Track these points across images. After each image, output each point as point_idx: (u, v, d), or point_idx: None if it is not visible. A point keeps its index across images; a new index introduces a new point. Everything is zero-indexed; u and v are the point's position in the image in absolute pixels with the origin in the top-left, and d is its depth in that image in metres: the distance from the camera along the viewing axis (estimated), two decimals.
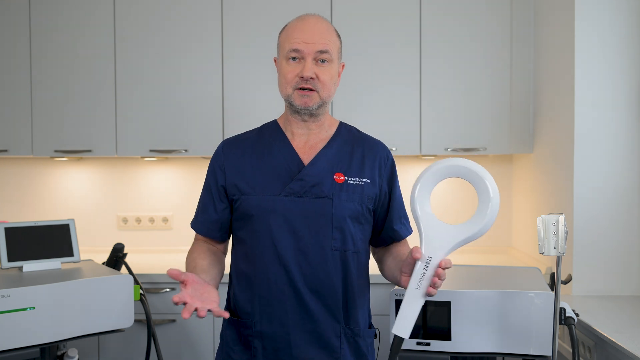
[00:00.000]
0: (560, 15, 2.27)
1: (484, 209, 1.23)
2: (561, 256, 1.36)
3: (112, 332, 1.77)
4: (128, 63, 2.65)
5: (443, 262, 1.21)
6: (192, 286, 1.23)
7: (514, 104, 2.60)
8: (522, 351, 1.46)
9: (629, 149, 2.10)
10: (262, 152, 1.48)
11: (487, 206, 1.22)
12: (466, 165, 1.25)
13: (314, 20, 1.43)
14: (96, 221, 2.98)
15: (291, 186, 1.42)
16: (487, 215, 1.22)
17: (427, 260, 1.23)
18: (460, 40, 2.59)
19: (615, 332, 1.64)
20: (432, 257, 1.23)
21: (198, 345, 2.40)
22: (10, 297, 1.59)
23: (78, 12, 2.66)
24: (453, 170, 1.26)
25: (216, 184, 1.49)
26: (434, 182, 1.28)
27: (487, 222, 1.22)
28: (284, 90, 1.44)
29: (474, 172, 1.24)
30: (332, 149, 1.47)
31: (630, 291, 2.10)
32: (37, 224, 1.90)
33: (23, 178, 3.01)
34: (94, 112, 2.66)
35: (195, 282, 1.24)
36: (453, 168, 1.26)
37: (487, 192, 1.23)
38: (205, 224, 1.50)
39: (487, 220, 1.22)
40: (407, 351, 1.52)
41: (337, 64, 1.45)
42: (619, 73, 2.10)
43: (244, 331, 1.43)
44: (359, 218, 1.44)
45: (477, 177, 1.24)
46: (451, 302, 1.49)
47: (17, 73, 2.67)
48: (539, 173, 2.51)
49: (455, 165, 1.26)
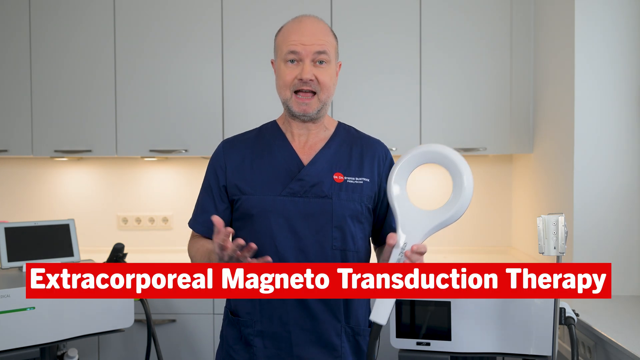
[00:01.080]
0: (561, 15, 2.27)
1: (458, 194, 1.24)
2: (561, 256, 1.36)
3: (112, 332, 1.77)
4: (128, 63, 2.65)
5: (415, 247, 1.21)
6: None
7: (514, 104, 2.60)
8: (522, 351, 1.46)
9: (629, 149, 2.10)
10: (262, 152, 1.48)
11: (461, 191, 1.23)
12: (441, 151, 1.26)
13: (310, 21, 1.43)
14: (96, 221, 2.98)
15: (291, 186, 1.42)
16: (459, 200, 1.23)
17: (402, 246, 1.24)
18: (461, 40, 2.59)
19: (615, 332, 1.64)
20: (407, 242, 1.24)
21: (198, 345, 2.40)
22: (10, 297, 1.59)
23: (78, 12, 2.66)
24: (429, 157, 1.27)
25: (217, 183, 1.48)
26: (410, 167, 1.29)
27: (459, 206, 1.23)
28: (282, 93, 1.43)
29: (449, 158, 1.25)
30: (331, 149, 1.47)
31: (630, 291, 2.10)
32: (37, 224, 1.90)
33: (23, 178, 3.01)
34: (94, 112, 2.66)
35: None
36: (429, 154, 1.27)
37: (460, 178, 1.24)
38: (205, 224, 1.49)
39: (460, 205, 1.23)
40: (407, 351, 1.52)
41: (334, 64, 1.45)
42: (619, 73, 2.10)
43: (245, 330, 1.43)
44: (359, 217, 1.44)
45: (452, 163, 1.25)
46: (451, 302, 1.49)
47: (17, 73, 2.67)
48: (539, 173, 2.51)
49: (430, 152, 1.27)
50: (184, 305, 2.39)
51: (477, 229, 2.92)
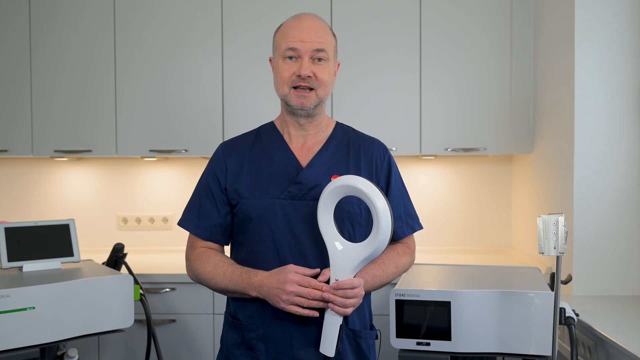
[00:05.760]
0: (561, 15, 2.27)
1: (377, 227, 1.27)
2: (561, 256, 1.35)
3: (112, 332, 1.77)
4: (128, 63, 2.65)
5: (342, 283, 1.28)
6: None
7: (514, 104, 2.60)
8: (522, 351, 1.46)
9: (629, 149, 2.10)
10: (260, 155, 1.47)
11: (379, 224, 1.26)
12: (354, 184, 1.28)
13: (310, 19, 1.43)
14: (96, 221, 2.98)
15: (290, 189, 1.42)
16: (379, 234, 1.26)
17: (334, 282, 1.30)
18: (461, 40, 2.59)
19: (615, 332, 1.64)
20: (338, 278, 1.30)
21: (198, 345, 2.40)
22: (10, 297, 1.59)
23: (78, 12, 2.66)
24: (344, 190, 1.30)
25: (219, 187, 1.47)
26: (331, 203, 1.33)
27: (380, 240, 1.27)
28: (280, 89, 1.43)
29: (362, 191, 1.27)
30: (328, 150, 1.47)
31: (630, 291, 2.10)
32: (37, 224, 1.90)
33: (23, 178, 3.01)
34: (94, 112, 2.66)
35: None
36: (344, 187, 1.30)
37: (375, 211, 1.26)
38: (208, 228, 1.47)
39: (381, 239, 1.26)
40: (407, 351, 1.52)
41: (333, 63, 1.45)
42: (619, 73, 2.10)
43: (246, 334, 1.43)
44: (358, 219, 1.44)
45: (365, 196, 1.27)
46: (451, 302, 1.48)
47: (17, 73, 2.67)
48: (539, 173, 2.51)
49: (345, 185, 1.29)
50: (184, 305, 2.39)
51: (477, 229, 2.92)
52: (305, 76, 1.38)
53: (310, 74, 1.39)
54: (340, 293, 1.28)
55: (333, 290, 1.28)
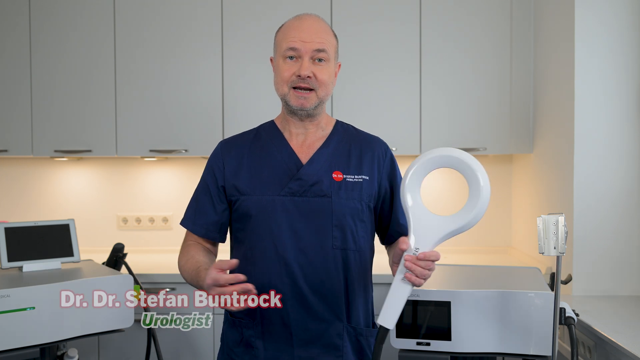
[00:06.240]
0: (560, 15, 2.27)
1: (474, 200, 1.20)
2: (561, 256, 1.35)
3: (112, 332, 1.77)
4: (128, 63, 2.65)
5: (429, 254, 1.20)
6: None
7: (514, 104, 2.60)
8: (522, 351, 1.46)
9: (629, 149, 2.10)
10: (260, 152, 1.48)
11: (478, 198, 1.20)
12: (457, 155, 1.22)
13: (311, 20, 1.43)
14: (96, 221, 2.98)
15: (290, 186, 1.42)
16: (476, 207, 1.20)
17: (414, 251, 1.21)
18: (461, 40, 2.59)
19: (615, 332, 1.64)
20: (419, 248, 1.22)
21: (198, 345, 2.40)
22: (10, 297, 1.59)
23: (78, 13, 2.66)
24: (444, 161, 1.23)
25: (216, 184, 1.48)
26: (424, 172, 1.25)
27: (476, 213, 1.20)
28: (280, 88, 1.43)
29: (465, 162, 1.21)
30: (329, 147, 1.47)
31: (630, 291, 2.10)
32: (37, 224, 1.90)
33: (23, 178, 3.01)
34: (94, 112, 2.66)
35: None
36: (444, 158, 1.23)
37: (477, 183, 1.20)
38: (204, 225, 1.49)
39: (477, 212, 1.20)
40: (407, 351, 1.52)
41: (334, 63, 1.45)
42: (619, 73, 2.10)
43: (246, 332, 1.43)
44: (360, 215, 1.43)
45: (468, 167, 1.21)
46: (451, 302, 1.48)
47: (17, 73, 2.67)
48: (539, 173, 2.51)
49: (446, 156, 1.23)
50: None
51: (477, 229, 2.91)
52: (305, 76, 1.38)
53: (310, 74, 1.39)
54: (423, 264, 1.21)
55: (415, 260, 1.20)
